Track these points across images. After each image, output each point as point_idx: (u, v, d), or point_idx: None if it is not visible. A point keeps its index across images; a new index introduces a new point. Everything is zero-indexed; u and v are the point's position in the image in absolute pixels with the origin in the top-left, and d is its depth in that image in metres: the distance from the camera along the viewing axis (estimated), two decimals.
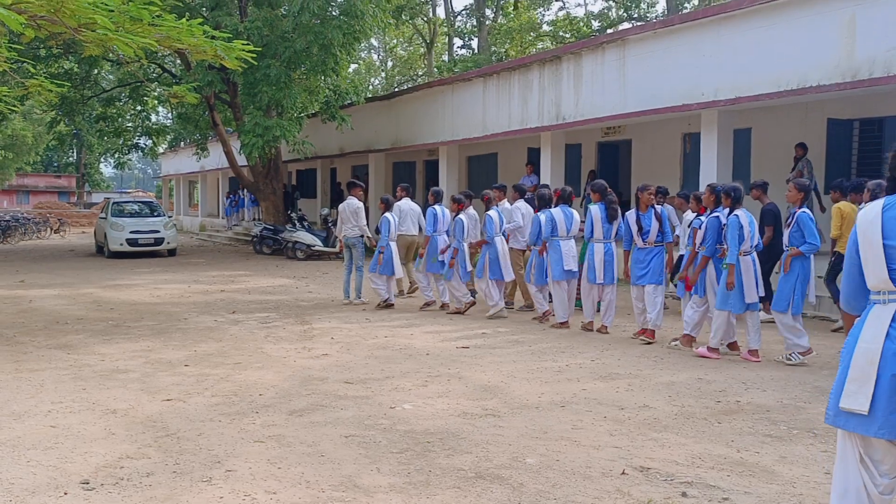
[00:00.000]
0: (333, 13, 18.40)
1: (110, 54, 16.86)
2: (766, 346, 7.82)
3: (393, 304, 11.04)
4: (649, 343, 8.22)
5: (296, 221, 20.75)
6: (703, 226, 7.74)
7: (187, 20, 9.74)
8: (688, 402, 5.90)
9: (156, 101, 27.96)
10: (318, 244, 19.19)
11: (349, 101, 21.59)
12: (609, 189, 9.12)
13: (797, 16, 10.73)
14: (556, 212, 9.35)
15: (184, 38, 9.34)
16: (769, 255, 8.87)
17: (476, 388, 6.33)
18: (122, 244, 20.28)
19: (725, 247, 7.40)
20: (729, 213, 7.47)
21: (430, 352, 7.85)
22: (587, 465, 4.48)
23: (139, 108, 25.96)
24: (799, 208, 7.30)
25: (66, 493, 4.06)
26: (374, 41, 45.56)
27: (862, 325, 2.75)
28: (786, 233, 7.38)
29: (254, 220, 27.59)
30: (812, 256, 7.38)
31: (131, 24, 9.10)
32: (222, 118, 22.80)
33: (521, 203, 10.74)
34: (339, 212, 11.51)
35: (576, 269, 9.20)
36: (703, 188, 11.50)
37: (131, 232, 20.43)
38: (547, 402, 5.89)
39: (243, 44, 9.88)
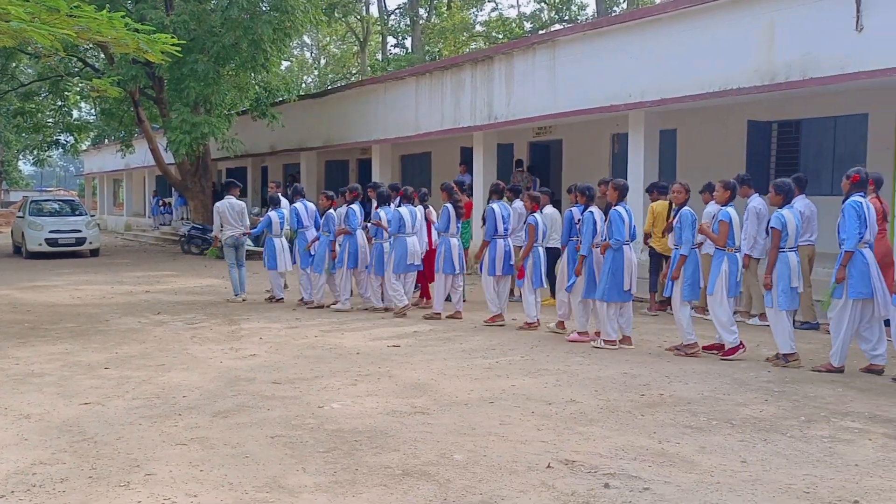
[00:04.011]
0: (263, 8, 18.09)
1: (28, 47, 16.23)
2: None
3: (282, 300, 11.50)
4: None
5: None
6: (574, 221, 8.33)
7: (108, 12, 9.45)
8: (613, 395, 6.01)
9: (77, 97, 27.05)
10: (249, 244, 18.83)
11: (280, 99, 21.28)
12: (455, 189, 10.01)
13: (719, 20, 11.06)
14: (404, 210, 9.92)
15: (104, 31, 9.05)
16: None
17: (406, 387, 6.31)
18: (40, 244, 19.51)
19: (606, 240, 7.82)
20: (584, 210, 8.08)
21: (361, 351, 7.80)
22: (514, 460, 4.51)
23: (60, 103, 25.07)
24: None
25: None
26: (306, 38, 45.04)
27: None
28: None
29: (182, 219, 26.94)
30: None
31: (48, 15, 8.77)
32: (148, 114, 22.18)
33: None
34: (219, 212, 11.42)
35: (420, 263, 10.04)
36: (632, 187, 11.75)
37: (51, 231, 19.66)
38: (476, 399, 5.91)
39: (168, 37, 9.63)
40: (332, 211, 10.67)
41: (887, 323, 6.82)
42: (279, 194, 11.90)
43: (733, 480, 4.20)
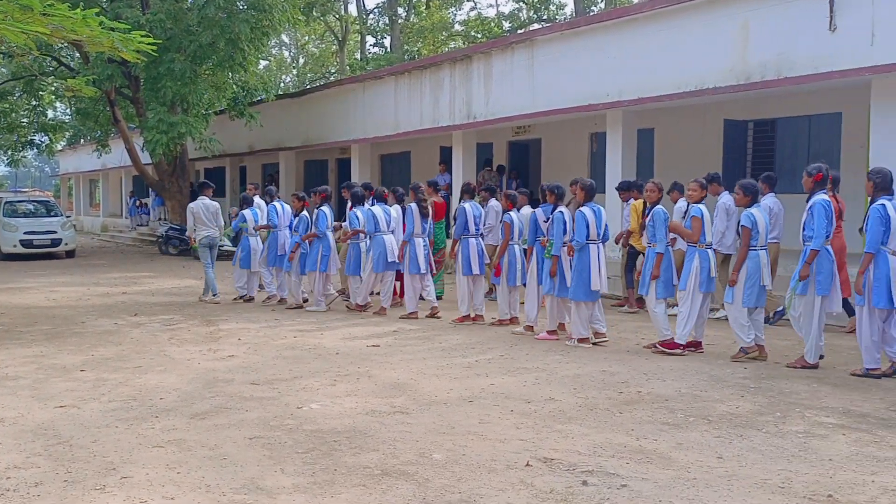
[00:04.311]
0: (240, 7, 17.99)
1: (1, 46, 16.02)
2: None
3: (253, 299, 11.55)
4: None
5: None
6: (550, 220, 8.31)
7: (83, 10, 9.35)
8: (592, 393, 6.04)
9: (52, 96, 26.73)
10: (226, 244, 18.71)
11: (259, 98, 21.16)
12: (422, 188, 10.00)
13: (695, 20, 11.15)
14: (377, 209, 9.96)
15: (78, 29, 8.95)
16: None
17: (385, 386, 6.31)
18: (15, 245, 19.27)
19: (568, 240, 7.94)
20: (553, 210, 8.14)
21: (340, 351, 7.78)
22: (493, 459, 4.52)
23: (34, 102, 24.74)
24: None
25: None
26: (284, 37, 44.81)
27: None
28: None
29: (159, 219, 26.71)
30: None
31: (21, 14, 8.66)
32: (124, 114, 21.97)
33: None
34: (192, 212, 11.38)
35: (396, 260, 9.93)
36: (610, 185, 11.80)
37: (25, 233, 19.42)
38: (455, 398, 5.91)
39: (143, 36, 9.54)
40: (305, 213, 10.68)
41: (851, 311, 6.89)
42: (252, 194, 11.96)
43: (709, 476, 4.24)
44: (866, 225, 6.55)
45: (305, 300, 10.90)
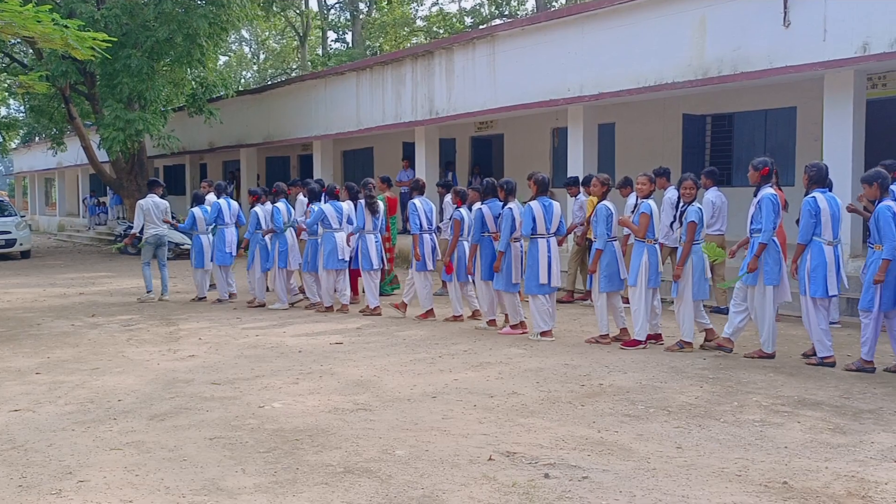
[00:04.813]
0: (198, 2, 17.73)
1: None
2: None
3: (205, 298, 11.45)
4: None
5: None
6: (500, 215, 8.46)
7: (34, 6, 9.14)
8: (554, 387, 6.09)
9: (5, 93, 26.08)
10: (186, 242, 18.45)
11: (219, 95, 20.89)
12: (371, 185, 9.90)
13: (654, 16, 11.26)
14: (327, 206, 9.91)
15: (29, 26, 8.77)
16: None
17: (348, 384, 6.28)
18: None
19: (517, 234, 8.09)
20: (503, 205, 8.25)
21: (303, 349, 7.72)
22: (455, 454, 4.53)
23: None
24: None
25: None
26: (245, 33, 44.31)
27: None
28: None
29: (118, 218, 26.23)
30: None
31: None
32: (80, 111, 21.52)
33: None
34: (143, 210, 11.25)
35: (347, 258, 9.94)
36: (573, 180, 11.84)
37: None
38: (419, 394, 5.91)
39: (98, 32, 9.36)
40: (256, 209, 10.68)
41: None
42: (206, 192, 11.98)
43: (669, 466, 4.30)
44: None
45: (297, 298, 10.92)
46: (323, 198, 10.47)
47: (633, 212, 7.82)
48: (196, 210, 11.29)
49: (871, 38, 8.95)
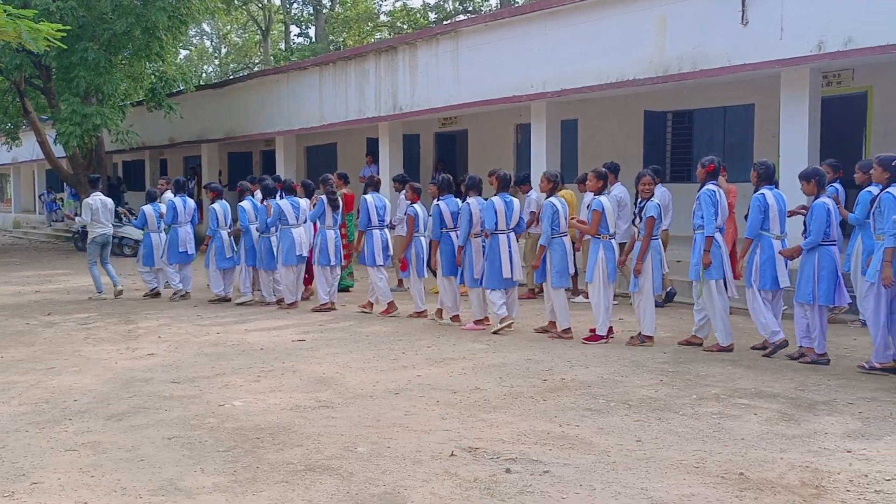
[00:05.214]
0: None
1: None
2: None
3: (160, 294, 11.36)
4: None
5: (122, 216, 19.50)
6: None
7: None
8: (517, 382, 6.11)
9: None
10: (131, 238, 18.15)
11: (179, 89, 20.56)
12: (331, 180, 9.90)
13: (616, 13, 11.34)
14: (284, 203, 9.88)
15: None
16: None
17: (310, 381, 6.24)
18: None
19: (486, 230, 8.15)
20: (463, 201, 8.35)
21: (265, 346, 7.65)
22: (417, 450, 4.52)
23: None
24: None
25: None
26: (205, 27, 43.67)
27: None
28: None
29: (75, 215, 25.68)
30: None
31: None
32: (35, 105, 20.98)
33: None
34: (92, 209, 11.06)
35: (307, 254, 9.90)
36: (537, 176, 11.91)
37: None
38: (381, 391, 5.90)
39: (52, 26, 9.14)
40: (214, 205, 10.63)
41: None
42: (163, 189, 11.89)
43: (629, 459, 4.34)
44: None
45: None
46: (280, 194, 10.41)
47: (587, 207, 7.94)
48: (147, 208, 11.14)
49: (826, 36, 9.11)
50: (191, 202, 11.18)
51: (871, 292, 6.18)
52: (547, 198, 7.90)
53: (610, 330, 7.69)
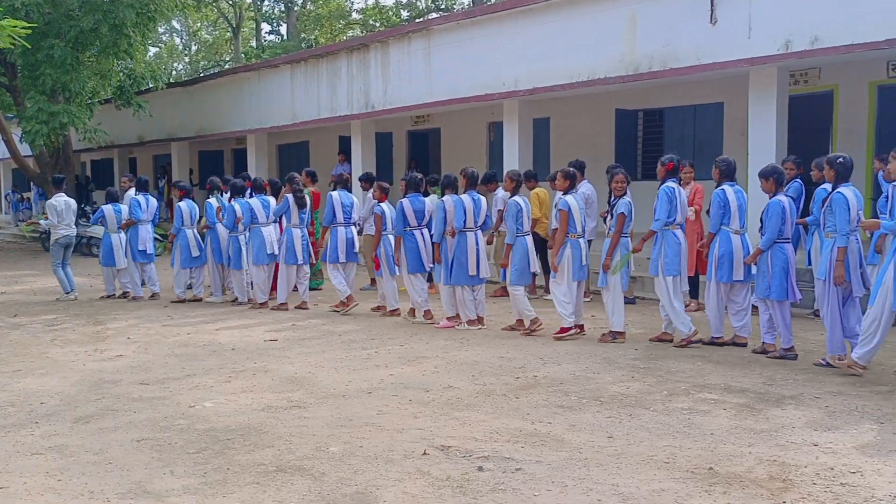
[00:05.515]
0: None
1: None
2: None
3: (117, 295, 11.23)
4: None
5: (90, 215, 19.22)
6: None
7: None
8: (490, 380, 6.12)
9: None
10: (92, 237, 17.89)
11: (148, 87, 20.30)
12: (297, 179, 9.87)
13: (587, 12, 11.41)
14: (255, 201, 9.83)
15: None
16: None
17: (282, 381, 6.20)
18: None
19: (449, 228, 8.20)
20: (439, 199, 8.46)
21: (236, 346, 7.59)
22: (390, 449, 4.51)
23: None
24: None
25: None
26: (175, 24, 43.15)
27: None
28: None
29: (43, 214, 25.26)
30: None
31: None
32: (1, 103, 20.61)
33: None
34: (56, 210, 10.91)
35: (277, 252, 9.78)
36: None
37: None
38: (354, 390, 5.87)
39: (17, 22, 8.99)
40: (180, 204, 10.56)
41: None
42: (126, 187, 11.82)
43: (600, 455, 4.37)
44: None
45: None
46: (250, 193, 10.34)
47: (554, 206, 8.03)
48: (107, 207, 11.00)
49: (793, 35, 9.24)
50: (153, 200, 11.06)
51: (823, 289, 6.34)
52: (510, 196, 8.00)
53: (581, 327, 7.75)
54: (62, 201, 10.97)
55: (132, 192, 11.51)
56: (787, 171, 8.42)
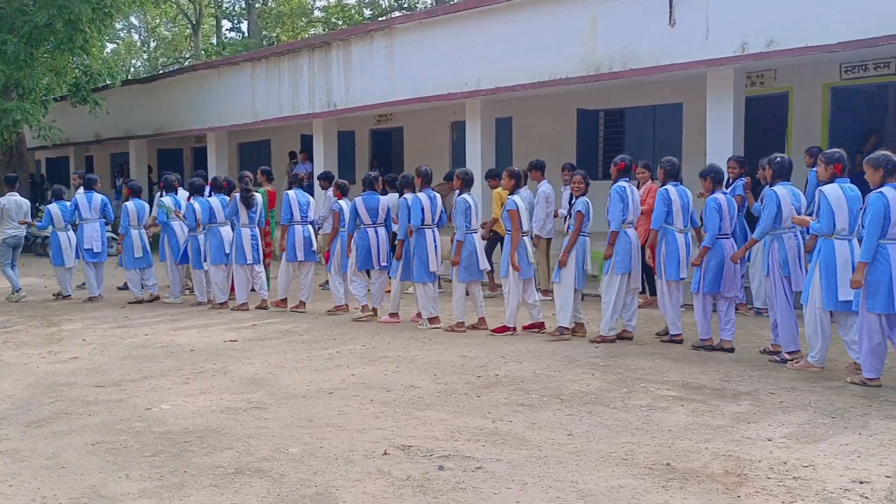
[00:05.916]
0: None
1: None
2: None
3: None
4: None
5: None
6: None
7: None
8: (451, 379, 6.13)
9: None
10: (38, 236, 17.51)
11: (105, 84, 19.91)
12: (247, 178, 9.70)
13: (548, 12, 11.48)
14: (214, 200, 9.81)
15: None
16: None
17: (242, 382, 6.13)
18: None
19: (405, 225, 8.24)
20: (399, 197, 8.55)
21: (195, 347, 7.48)
22: (350, 450, 4.49)
23: None
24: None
25: None
26: (133, 19, 42.42)
27: None
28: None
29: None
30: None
31: None
32: None
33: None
34: (4, 210, 10.71)
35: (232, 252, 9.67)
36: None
37: None
38: (315, 390, 5.83)
39: None
40: (127, 203, 10.52)
41: None
42: (77, 184, 11.65)
43: (560, 453, 4.40)
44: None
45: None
46: (209, 192, 10.24)
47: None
48: (52, 206, 10.82)
49: (749, 38, 9.40)
50: (97, 198, 10.84)
51: (769, 285, 6.58)
52: (459, 195, 8.09)
53: (541, 325, 7.83)
54: (12, 201, 10.77)
55: (82, 190, 11.30)
56: (729, 169, 8.65)
